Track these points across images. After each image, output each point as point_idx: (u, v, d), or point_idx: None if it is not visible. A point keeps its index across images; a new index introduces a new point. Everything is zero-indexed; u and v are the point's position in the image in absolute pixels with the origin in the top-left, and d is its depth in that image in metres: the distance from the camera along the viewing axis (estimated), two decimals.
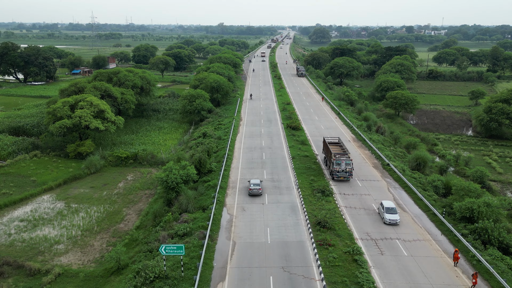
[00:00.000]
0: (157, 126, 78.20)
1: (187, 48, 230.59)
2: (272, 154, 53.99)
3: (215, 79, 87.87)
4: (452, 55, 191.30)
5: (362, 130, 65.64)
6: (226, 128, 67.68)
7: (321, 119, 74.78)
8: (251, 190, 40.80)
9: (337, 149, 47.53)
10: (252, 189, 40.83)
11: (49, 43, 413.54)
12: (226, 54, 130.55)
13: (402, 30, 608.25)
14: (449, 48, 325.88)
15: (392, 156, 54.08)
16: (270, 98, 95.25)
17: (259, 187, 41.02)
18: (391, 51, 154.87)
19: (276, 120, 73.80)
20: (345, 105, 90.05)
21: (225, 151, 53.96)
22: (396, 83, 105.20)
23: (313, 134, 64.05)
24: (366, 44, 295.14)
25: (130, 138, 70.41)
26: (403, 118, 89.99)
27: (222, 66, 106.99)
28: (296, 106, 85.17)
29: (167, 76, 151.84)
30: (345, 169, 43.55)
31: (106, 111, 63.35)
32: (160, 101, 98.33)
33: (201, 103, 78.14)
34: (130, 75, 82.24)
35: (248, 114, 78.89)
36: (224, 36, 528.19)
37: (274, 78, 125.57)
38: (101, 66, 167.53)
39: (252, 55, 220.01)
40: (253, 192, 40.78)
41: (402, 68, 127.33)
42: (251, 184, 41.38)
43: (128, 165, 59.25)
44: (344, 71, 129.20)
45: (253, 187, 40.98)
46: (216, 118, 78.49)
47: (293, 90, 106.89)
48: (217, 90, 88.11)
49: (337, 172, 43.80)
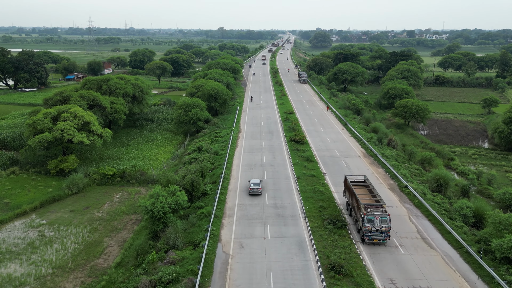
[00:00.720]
0: (149, 137, 72.50)
1: (185, 53, 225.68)
2: (274, 173, 48.25)
3: (213, 86, 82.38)
4: (458, 60, 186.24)
5: (373, 144, 59.93)
6: (223, 141, 62.01)
7: (327, 131, 69.11)
8: (251, 189, 42.24)
9: (364, 193, 35.32)
10: (252, 188, 42.24)
11: (48, 47, 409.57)
12: (225, 59, 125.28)
13: (403, 35, 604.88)
14: (453, 53, 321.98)
15: (408, 175, 48.33)
16: (271, 106, 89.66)
17: (259, 187, 42.32)
18: (396, 56, 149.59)
19: (278, 131, 68.14)
20: (351, 114, 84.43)
21: (221, 169, 48.24)
22: (404, 90, 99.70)
23: (319, 149, 58.32)
24: (368, 48, 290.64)
25: (120, 152, 64.71)
26: (414, 128, 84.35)
27: (220, 73, 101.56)
28: (299, 116, 79.53)
29: (164, 82, 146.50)
30: (380, 228, 31.50)
31: (92, 123, 57.74)
32: (154, 109, 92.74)
33: (197, 113, 72.57)
34: (122, 83, 76.71)
35: (247, 125, 73.24)
36: (224, 40, 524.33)
37: (275, 85, 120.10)
38: (97, 72, 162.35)
39: (252, 60, 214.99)
40: (253, 192, 42.10)
41: (409, 74, 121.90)
42: (251, 184, 42.72)
43: (114, 183, 53.49)
44: (348, 77, 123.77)
45: (253, 186, 42.33)
46: (213, 129, 72.88)
47: (296, 97, 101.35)
48: (214, 99, 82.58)
49: (369, 233, 31.62)
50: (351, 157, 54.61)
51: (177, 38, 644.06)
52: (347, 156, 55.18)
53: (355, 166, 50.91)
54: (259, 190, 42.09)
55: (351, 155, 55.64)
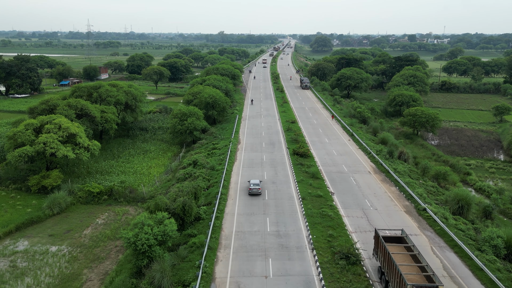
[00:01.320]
0: (142, 149, 67.84)
1: (184, 57, 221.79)
2: (276, 192, 43.53)
3: (211, 94, 77.88)
4: (463, 65, 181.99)
5: (383, 158, 55.24)
6: (221, 154, 57.34)
7: (332, 142, 64.44)
8: (250, 189, 42.82)
9: (405, 259, 26.33)
10: (252, 188, 42.84)
11: (47, 51, 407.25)
12: (224, 65, 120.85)
13: (404, 39, 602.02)
14: (456, 57, 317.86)
15: (425, 194, 43.60)
16: (273, 114, 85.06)
17: (258, 187, 43.05)
18: (401, 61, 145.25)
19: (280, 143, 63.47)
20: (357, 123, 79.81)
21: (218, 188, 43.54)
22: (411, 97, 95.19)
23: (325, 163, 53.61)
24: (370, 53, 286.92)
25: (109, 165, 60.03)
26: (423, 138, 79.70)
27: (219, 79, 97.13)
28: (302, 125, 74.90)
29: (161, 88, 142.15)
30: None
31: (78, 135, 53.16)
32: (149, 117, 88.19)
33: (194, 122, 68.01)
34: (113, 90, 72.18)
35: (247, 135, 68.61)
36: (224, 44, 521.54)
37: (276, 91, 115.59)
38: (93, 77, 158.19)
39: (253, 64, 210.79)
40: (253, 192, 42.74)
41: (415, 80, 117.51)
42: (251, 184, 43.33)
43: (101, 202, 48.74)
44: (352, 83, 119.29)
45: (253, 187, 42.97)
46: (211, 140, 68.26)
47: (298, 104, 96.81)
48: (212, 107, 78.05)
49: None
50: (360, 173, 49.92)
51: (177, 42, 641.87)
52: (356, 171, 50.49)
53: (365, 184, 46.20)
54: (258, 190, 42.98)
55: (360, 170, 50.95)
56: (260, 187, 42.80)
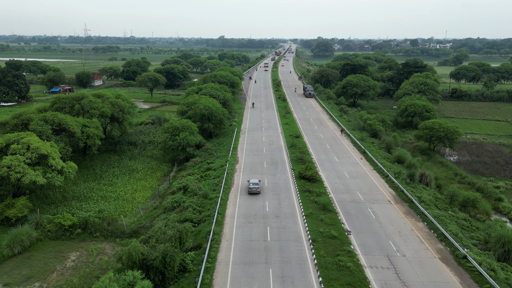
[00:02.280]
0: (128, 168, 60.47)
1: (182, 63, 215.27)
2: (280, 230, 36.09)
3: (207, 105, 70.67)
4: (472, 71, 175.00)
5: (403, 182, 47.85)
6: (216, 177, 49.95)
7: (343, 161, 57.06)
8: (250, 189, 43.77)
9: None
10: (251, 188, 43.78)
11: (45, 56, 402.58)
12: (222, 71, 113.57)
13: (406, 43, 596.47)
14: (461, 62, 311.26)
15: (460, 232, 36.16)
16: (274, 127, 77.75)
17: (257, 186, 44.10)
18: (409, 67, 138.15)
19: (283, 162, 56.08)
20: (368, 137, 72.50)
21: (210, 225, 36.14)
22: (424, 108, 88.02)
23: (336, 189, 46.21)
24: (374, 58, 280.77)
25: (89, 189, 52.67)
26: (440, 153, 72.36)
27: (216, 87, 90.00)
28: (307, 140, 67.58)
29: (157, 95, 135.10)
30: None
31: (51, 156, 45.95)
32: (140, 129, 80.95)
33: (187, 138, 60.77)
34: (98, 102, 64.99)
35: (246, 153, 61.25)
36: (225, 49, 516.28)
37: (278, 100, 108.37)
38: (85, 84, 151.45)
39: (253, 70, 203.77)
40: (252, 191, 43.73)
41: (425, 87, 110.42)
42: (250, 184, 44.37)
43: (73, 237, 41.31)
44: (359, 90, 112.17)
45: (252, 186, 43.98)
46: (206, 157, 60.96)
47: (302, 115, 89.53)
48: (208, 119, 70.82)
49: None
50: (379, 203, 42.50)
51: (177, 47, 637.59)
52: (374, 200, 43.07)
53: (386, 218, 38.77)
54: (258, 190, 43.89)
55: (378, 199, 43.53)
56: (259, 186, 44.22)
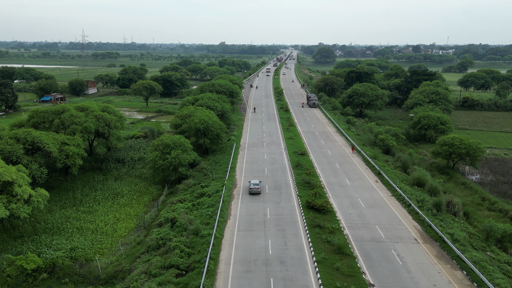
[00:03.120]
0: (113, 191, 53.58)
1: (181, 70, 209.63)
2: (287, 284, 29.07)
3: (202, 118, 64.00)
4: (481, 78, 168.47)
5: (429, 213, 40.93)
6: (210, 206, 43.07)
7: (356, 184, 50.14)
8: (251, 189, 45.05)
9: None
10: (252, 188, 45.08)
11: (44, 62, 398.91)
12: (221, 80, 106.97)
13: (408, 49, 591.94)
14: (466, 69, 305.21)
15: (508, 285, 29.16)
16: (277, 142, 70.95)
17: (258, 186, 45.31)
18: (417, 75, 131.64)
19: (287, 186, 49.19)
20: (380, 154, 65.67)
21: (199, 278, 29.18)
22: (439, 120, 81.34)
23: (352, 223, 39.23)
24: (377, 64, 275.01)
25: (65, 218, 45.80)
26: (460, 172, 65.46)
27: (214, 97, 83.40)
28: (314, 158, 60.73)
29: (153, 104, 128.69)
30: None
31: (17, 183, 39.23)
32: (130, 144, 74.23)
33: (179, 156, 54.06)
34: (80, 116, 58.34)
35: (246, 173, 54.37)
36: (225, 55, 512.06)
37: (280, 110, 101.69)
38: (79, 92, 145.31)
39: (254, 78, 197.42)
40: (253, 191, 44.97)
41: (437, 97, 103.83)
42: (251, 184, 45.61)
43: (37, 283, 34.40)
44: (366, 100, 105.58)
45: (253, 186, 45.25)
46: (200, 179, 54.16)
47: (306, 128, 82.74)
48: (204, 134, 64.11)
49: None
50: (404, 242, 35.51)
51: (177, 53, 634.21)
52: (398, 238, 36.08)
53: (415, 264, 31.78)
54: (258, 190, 44.96)
55: (402, 236, 36.54)
56: (259, 187, 45.47)
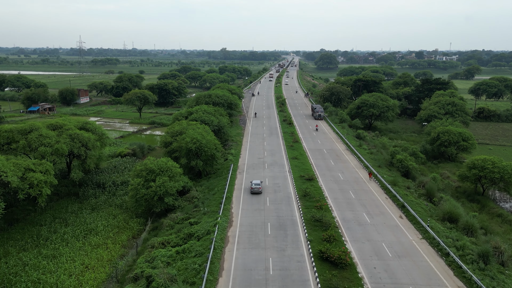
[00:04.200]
0: (86, 226, 45.07)
1: (180, 77, 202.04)
2: None
3: (195, 137, 55.60)
4: (494, 87, 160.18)
5: (475, 267, 32.26)
6: (198, 255, 34.46)
7: (377, 221, 41.50)
8: (252, 189, 47.16)
9: None
10: (253, 187, 47.14)
11: (42, 69, 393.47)
12: (219, 90, 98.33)
13: (411, 56, 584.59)
14: (473, 76, 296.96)
15: None
16: (280, 162, 62.38)
17: (259, 186, 47.39)
18: (429, 84, 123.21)
19: (294, 225, 40.57)
20: (399, 177, 57.08)
21: None
22: (461, 136, 72.85)
23: (379, 283, 30.56)
24: (382, 71, 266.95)
25: (20, 266, 37.26)
26: (491, 198, 56.77)
27: (210, 111, 75.04)
28: (324, 185, 52.08)
29: (147, 114, 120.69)
30: None
31: None
32: (115, 164, 65.90)
33: (165, 185, 45.74)
34: (51, 135, 50.02)
35: (244, 206, 45.72)
36: (226, 61, 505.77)
37: (283, 123, 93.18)
38: (70, 101, 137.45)
39: (255, 85, 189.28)
40: (254, 191, 46.98)
41: (453, 108, 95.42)
42: (253, 184, 47.71)
43: None
44: (376, 111, 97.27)
45: (254, 186, 47.32)
46: (189, 211, 45.67)
47: (313, 145, 74.22)
48: (197, 154, 55.67)
49: None
50: None
51: (178, 59, 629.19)
52: None
53: None
54: (259, 189, 47.07)
55: None
56: (260, 187, 46.97)
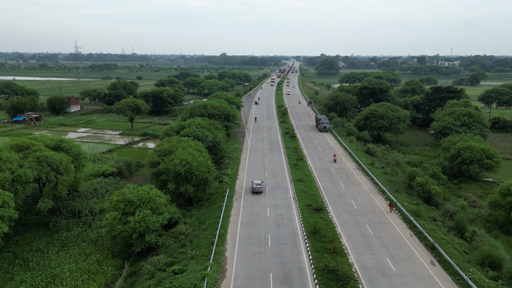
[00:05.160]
0: (50, 271, 37.22)
1: (178, 83, 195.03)
2: None
3: (184, 158, 47.93)
4: (506, 94, 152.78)
5: None
6: None
7: (404, 271, 33.66)
8: (253, 188, 49.46)
9: None
10: (254, 187, 49.45)
11: (40, 74, 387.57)
12: (216, 100, 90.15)
13: (413, 61, 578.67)
14: (479, 82, 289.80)
15: None
16: (283, 186, 54.47)
17: (260, 186, 49.44)
18: (441, 92, 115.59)
19: (302, 277, 32.69)
20: (422, 205, 49.29)
21: None
22: (485, 153, 65.18)
23: None
24: (385, 77, 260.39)
25: None
26: None
27: (204, 124, 67.38)
28: (336, 218, 44.18)
29: (140, 124, 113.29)
30: None
31: None
32: (96, 186, 58.18)
33: (147, 219, 38.09)
34: (13, 159, 42.31)
35: (240, 247, 37.92)
36: (226, 67, 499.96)
37: (285, 136, 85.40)
38: (59, 110, 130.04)
39: (256, 92, 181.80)
40: (256, 191, 49.31)
41: (470, 120, 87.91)
42: (254, 184, 49.87)
43: None
44: (386, 123, 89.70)
45: (255, 186, 49.55)
46: (175, 253, 37.87)
47: (319, 162, 66.42)
48: (186, 179, 47.90)
49: None
50: None
51: (177, 64, 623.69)
52: None
53: None
54: (260, 189, 49.26)
55: None
56: (261, 186, 49.45)
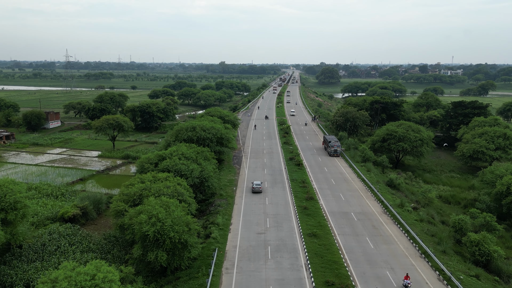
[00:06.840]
0: None
1: (172, 94, 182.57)
2: None
3: (154, 214, 34.42)
4: None
5: None
6: None
7: None
8: (253, 188, 53.01)
9: None
10: (254, 187, 53.02)
11: (33, 83, 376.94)
12: (207, 121, 75.53)
13: (414, 70, 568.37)
14: (487, 92, 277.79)
15: None
16: (290, 244, 40.77)
17: (259, 186, 52.87)
18: (463, 108, 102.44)
19: None
20: (482, 275, 35.95)
21: None
22: None
23: None
24: (390, 87, 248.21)
25: None
26: None
27: (190, 155, 53.67)
28: None
29: (123, 143, 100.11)
30: None
31: None
32: (47, 239, 44.42)
33: None
34: None
35: None
36: (225, 75, 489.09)
37: (290, 163, 71.66)
38: (36, 126, 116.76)
39: (255, 105, 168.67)
40: (256, 190, 52.88)
41: (506, 142, 74.97)
42: (254, 184, 53.53)
43: None
44: (408, 146, 76.58)
45: (255, 186, 53.02)
46: None
47: (335, 204, 52.59)
48: (157, 242, 34.21)
49: None
50: None
51: (175, 72, 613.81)
52: None
53: None
54: (260, 189, 52.73)
55: None
56: (261, 186, 53.13)
